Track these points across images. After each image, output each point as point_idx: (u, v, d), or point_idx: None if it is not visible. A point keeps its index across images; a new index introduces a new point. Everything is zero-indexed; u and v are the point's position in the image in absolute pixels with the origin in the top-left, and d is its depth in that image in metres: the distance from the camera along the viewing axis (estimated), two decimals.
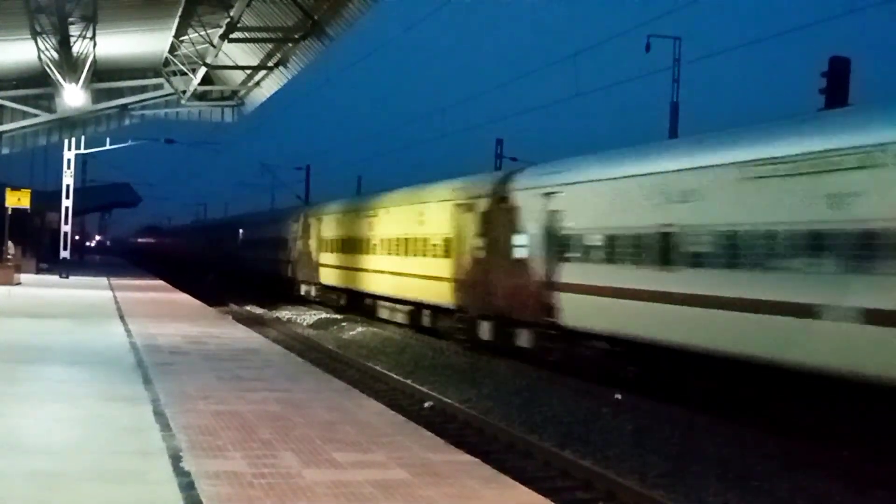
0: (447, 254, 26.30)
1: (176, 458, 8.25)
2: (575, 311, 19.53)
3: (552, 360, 20.88)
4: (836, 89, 24.51)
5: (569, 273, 19.71)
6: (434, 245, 27.37)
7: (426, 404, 17.81)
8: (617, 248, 18.25)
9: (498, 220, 23.20)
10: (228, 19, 25.23)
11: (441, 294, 26.52)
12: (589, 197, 19.47)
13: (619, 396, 17.62)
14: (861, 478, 12.09)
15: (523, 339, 21.84)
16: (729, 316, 14.87)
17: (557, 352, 20.67)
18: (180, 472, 7.78)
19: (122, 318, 22.62)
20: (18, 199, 37.67)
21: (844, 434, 12.99)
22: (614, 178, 18.71)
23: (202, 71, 31.13)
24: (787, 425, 14.10)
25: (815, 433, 13.57)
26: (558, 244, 20.16)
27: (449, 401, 17.77)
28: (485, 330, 23.71)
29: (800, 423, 13.89)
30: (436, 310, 27.67)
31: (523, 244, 21.78)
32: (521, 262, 21.73)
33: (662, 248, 16.79)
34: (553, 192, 20.58)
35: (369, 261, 33.98)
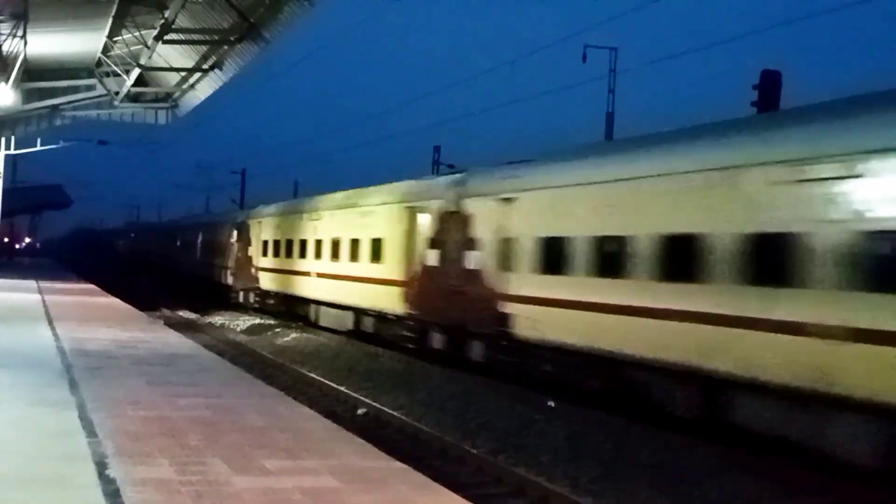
0: None
1: (101, 465, 8.08)
2: None
3: None
4: (768, 102, 24.91)
5: None
6: None
7: (360, 411, 17.73)
8: None
9: None
10: (163, 20, 24.96)
11: None
12: None
13: (552, 403, 17.66)
14: (791, 483, 12.26)
15: None
16: None
17: None
18: (105, 479, 7.62)
19: (50, 321, 22.19)
20: None
21: (775, 440, 13.14)
22: None
23: (136, 72, 30.75)
24: (719, 431, 14.24)
25: (745, 439, 13.71)
26: None
27: (383, 407, 17.70)
28: None
29: (731, 429, 14.02)
30: None
31: None
32: None
33: None
34: None
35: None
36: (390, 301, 24.85)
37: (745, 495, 12.00)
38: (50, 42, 28.75)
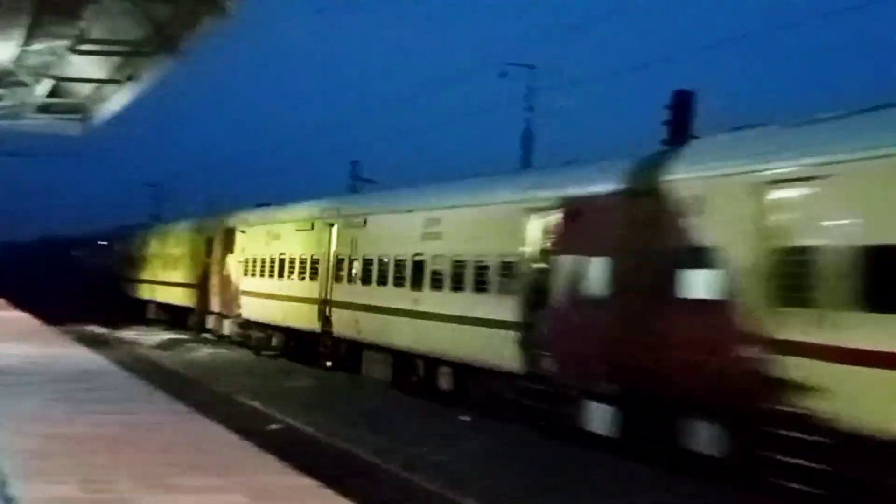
0: None
1: (1, 484, 7.88)
2: None
3: None
4: (680, 121, 25.26)
5: None
6: None
7: (271, 427, 17.56)
8: None
9: None
10: (77, 30, 24.53)
11: None
12: None
13: (467, 419, 17.72)
14: (704, 497, 12.41)
15: None
16: None
17: None
18: (5, 498, 7.44)
19: None
20: None
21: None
22: None
23: (47, 82, 30.14)
24: (631, 443, 14.37)
25: (667, 458, 13.81)
26: None
27: (296, 424, 17.56)
28: None
29: (646, 443, 14.16)
30: None
31: None
32: None
33: None
34: None
35: None
36: None
37: None
38: None
